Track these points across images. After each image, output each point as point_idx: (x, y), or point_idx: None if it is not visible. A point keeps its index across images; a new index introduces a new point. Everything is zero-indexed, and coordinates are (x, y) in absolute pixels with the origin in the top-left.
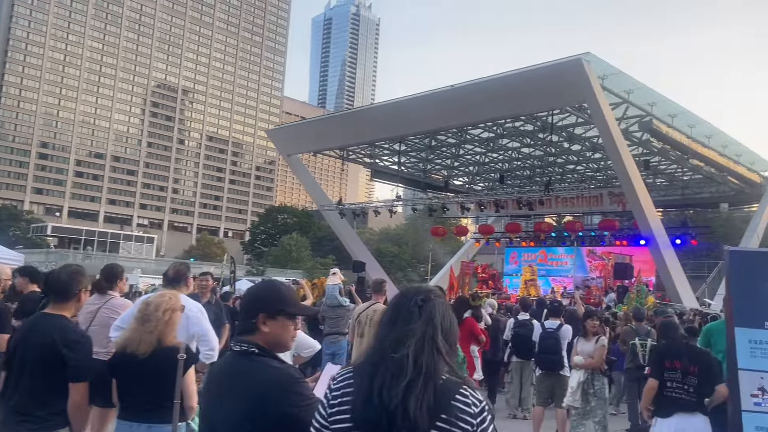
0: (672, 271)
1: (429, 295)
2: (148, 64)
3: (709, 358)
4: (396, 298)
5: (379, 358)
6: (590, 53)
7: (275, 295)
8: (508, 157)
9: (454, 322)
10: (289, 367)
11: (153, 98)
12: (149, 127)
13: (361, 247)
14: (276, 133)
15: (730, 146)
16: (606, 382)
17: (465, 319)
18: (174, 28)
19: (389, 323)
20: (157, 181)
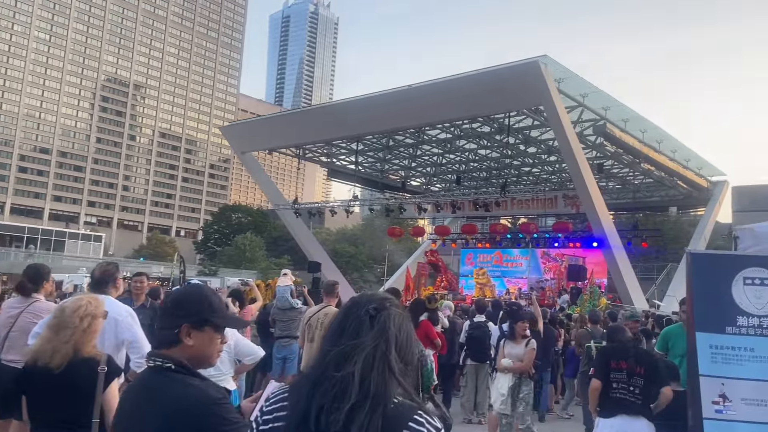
0: (624, 273)
1: (384, 304)
2: (97, 57)
3: (655, 360)
4: (345, 307)
5: (319, 376)
6: (547, 56)
7: (203, 302)
8: (465, 159)
9: (411, 336)
10: (210, 385)
11: (103, 92)
12: (98, 122)
13: (316, 247)
14: (230, 130)
15: (680, 151)
16: (533, 387)
17: (421, 322)
18: (126, 21)
19: (335, 335)
20: (107, 177)
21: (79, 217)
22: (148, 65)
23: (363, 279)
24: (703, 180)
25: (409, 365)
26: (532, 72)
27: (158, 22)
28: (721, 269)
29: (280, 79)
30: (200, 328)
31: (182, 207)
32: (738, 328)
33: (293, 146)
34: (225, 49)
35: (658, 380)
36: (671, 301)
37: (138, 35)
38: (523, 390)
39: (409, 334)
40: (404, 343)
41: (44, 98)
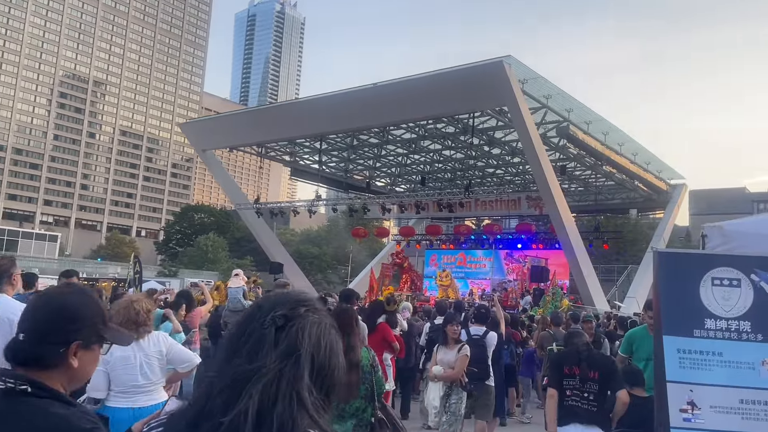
0: (585, 274)
1: (296, 309)
2: (55, 52)
3: (610, 363)
4: (244, 315)
5: (198, 417)
6: (511, 56)
7: (99, 314)
8: (429, 159)
9: (335, 352)
10: (78, 413)
11: (61, 88)
12: (56, 119)
13: (279, 248)
14: (190, 127)
15: (641, 154)
16: (464, 397)
17: (378, 324)
18: (85, 16)
19: (225, 356)
20: (64, 176)
21: (34, 216)
22: (108, 61)
23: (327, 280)
24: (662, 183)
25: (331, 393)
26: (496, 72)
27: (119, 17)
28: (688, 269)
29: (246, 79)
30: (90, 346)
31: (143, 207)
32: (706, 332)
33: (255, 144)
34: (189, 47)
35: (613, 384)
36: (632, 302)
37: (98, 30)
38: (452, 399)
39: (333, 351)
40: (325, 362)
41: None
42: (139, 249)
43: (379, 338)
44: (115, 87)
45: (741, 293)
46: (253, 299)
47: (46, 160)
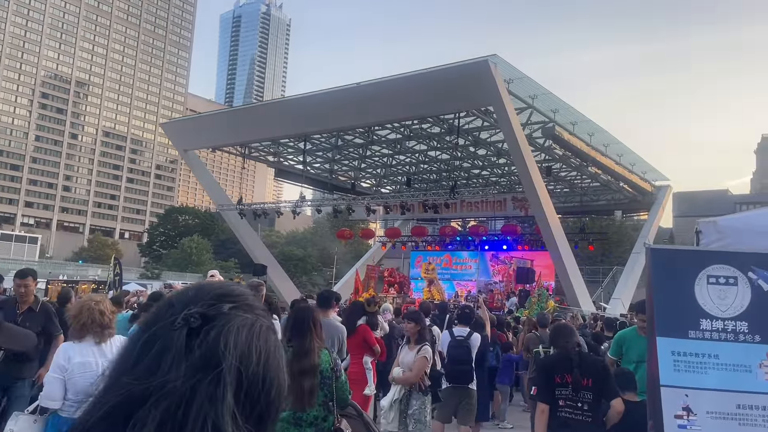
0: (571, 275)
1: (220, 306)
2: (37, 52)
3: (604, 368)
4: (149, 314)
5: None
6: (497, 55)
7: None
8: (415, 160)
9: (272, 365)
10: None
11: (43, 89)
12: (38, 119)
13: (263, 249)
14: (172, 127)
15: (626, 155)
16: (428, 401)
17: (359, 326)
18: (68, 15)
19: (119, 368)
20: (46, 177)
21: (15, 218)
22: (91, 61)
23: (312, 282)
24: (647, 184)
25: (267, 420)
26: (481, 72)
27: (103, 17)
28: (682, 267)
29: (231, 80)
30: None
31: (127, 208)
32: (701, 333)
33: (238, 144)
34: (173, 47)
35: (608, 392)
36: (617, 303)
37: (81, 30)
38: (412, 405)
39: (270, 362)
40: (257, 378)
41: None
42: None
43: (359, 341)
44: (98, 87)
45: (738, 292)
46: None
47: (27, 161)
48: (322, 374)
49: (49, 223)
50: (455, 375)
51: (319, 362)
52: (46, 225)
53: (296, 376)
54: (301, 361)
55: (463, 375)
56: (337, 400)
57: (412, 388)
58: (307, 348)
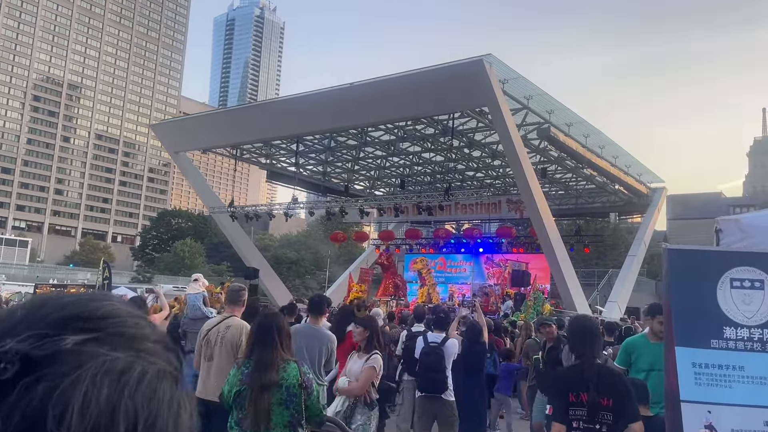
0: (567, 278)
1: (54, 341)
2: (29, 54)
3: (625, 386)
4: None
5: None
6: (492, 55)
7: None
8: (409, 162)
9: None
10: None
11: (34, 92)
12: (29, 122)
13: (255, 252)
14: (162, 128)
15: (621, 157)
16: (373, 416)
17: (348, 332)
18: (60, 18)
19: None
20: (38, 180)
21: (6, 221)
22: (83, 64)
23: (305, 286)
24: (642, 186)
25: None
26: (476, 71)
27: (95, 19)
28: (703, 269)
29: (225, 83)
30: None
31: (119, 212)
32: (725, 342)
33: (229, 146)
34: (166, 50)
35: (628, 413)
36: (613, 306)
37: (73, 33)
38: (356, 419)
39: (159, 421)
40: None
41: None
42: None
43: (349, 348)
44: (91, 90)
45: (765, 296)
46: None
47: (18, 165)
48: (289, 390)
49: (41, 227)
50: (426, 384)
51: (276, 378)
52: (38, 228)
53: (255, 393)
54: (261, 375)
55: (434, 384)
56: (308, 418)
57: (357, 401)
58: (268, 361)
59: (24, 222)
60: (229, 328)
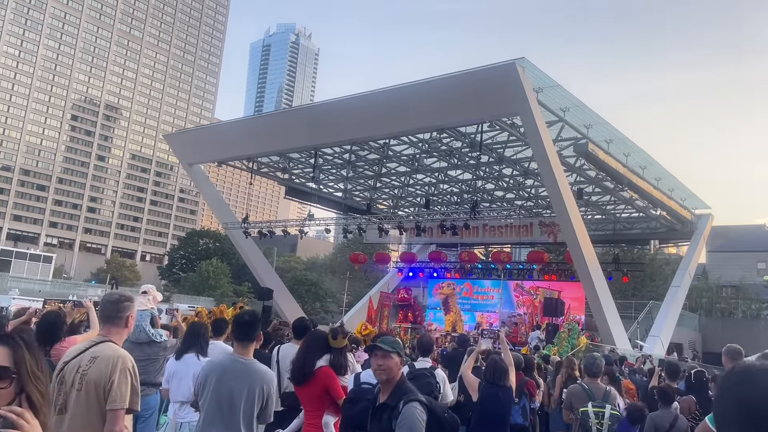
0: (605, 309)
1: None
2: (68, 75)
3: None
4: None
5: None
6: (526, 59)
7: None
8: (434, 180)
9: None
10: None
11: (72, 111)
12: (67, 141)
13: (270, 272)
14: (176, 139)
15: (664, 179)
16: None
17: (319, 370)
18: (99, 40)
19: None
20: (71, 198)
21: (39, 237)
22: (121, 85)
23: (325, 309)
24: (687, 212)
25: None
26: (508, 76)
27: (133, 42)
28: None
29: (259, 107)
30: None
31: (149, 231)
32: None
33: (245, 158)
34: (201, 73)
35: None
36: (655, 341)
37: (112, 55)
38: None
39: None
40: None
41: (9, 114)
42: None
43: (318, 391)
44: (126, 111)
45: None
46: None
47: (53, 182)
48: None
49: (72, 244)
50: None
51: None
52: (69, 246)
53: None
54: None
55: None
56: None
57: None
58: None
59: (56, 239)
60: (95, 360)
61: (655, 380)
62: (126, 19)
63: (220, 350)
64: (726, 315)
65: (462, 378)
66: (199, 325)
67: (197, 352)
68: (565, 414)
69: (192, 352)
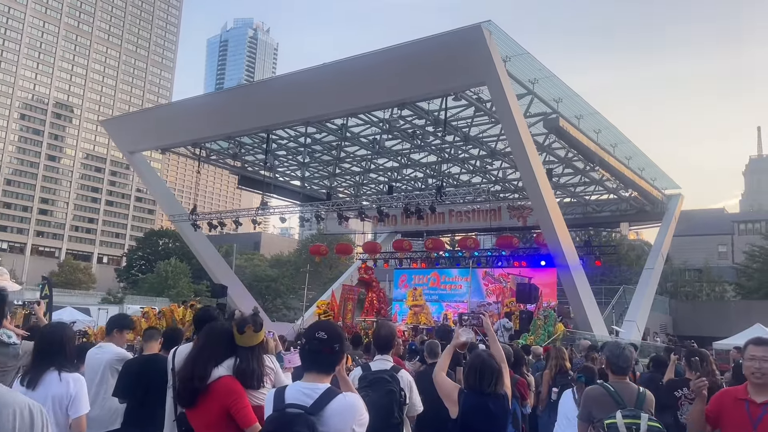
0: (582, 295)
1: None
2: (13, 72)
3: None
4: None
5: None
6: (492, 22)
7: None
8: (396, 164)
9: None
10: None
11: (19, 110)
12: (15, 141)
13: (223, 268)
14: (114, 125)
15: (635, 158)
16: None
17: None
18: (46, 35)
19: None
20: (21, 200)
21: None
22: (70, 82)
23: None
24: (657, 192)
25: None
26: (473, 40)
27: (82, 37)
28: None
29: None
30: None
31: (105, 232)
32: None
33: (189, 143)
34: (155, 68)
35: None
36: (632, 326)
37: (60, 50)
38: None
39: None
40: None
41: None
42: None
43: (212, 416)
44: (77, 108)
45: None
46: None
47: (1, 184)
48: None
49: (23, 248)
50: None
51: None
52: (20, 250)
53: None
54: None
55: None
56: None
57: None
58: None
59: (5, 242)
60: None
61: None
62: (73, 12)
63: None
64: (691, 298)
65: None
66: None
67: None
68: (581, 428)
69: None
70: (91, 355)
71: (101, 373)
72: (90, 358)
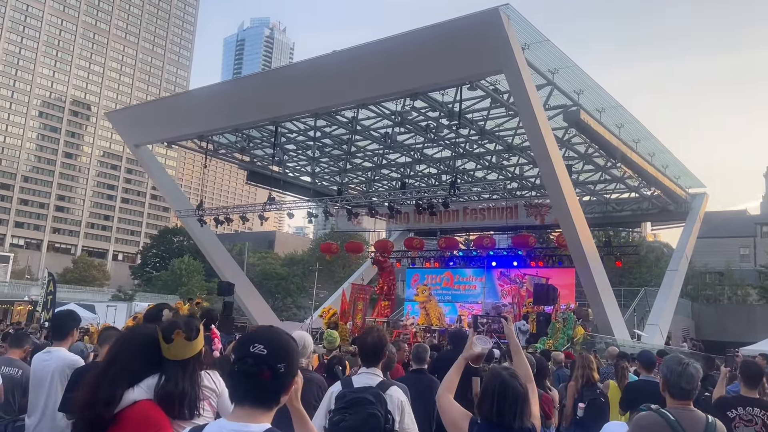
0: (603, 297)
1: None
2: (32, 70)
3: None
4: None
5: None
6: (510, 6)
7: None
8: (410, 158)
9: None
10: None
11: (37, 108)
12: (34, 138)
13: (231, 265)
14: (120, 117)
15: (658, 155)
16: None
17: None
18: (64, 33)
19: None
20: (39, 197)
21: (4, 238)
22: (88, 80)
23: (297, 305)
24: (681, 191)
25: None
26: (491, 25)
27: (100, 35)
28: None
29: None
30: None
31: (121, 230)
32: None
33: (196, 136)
34: (172, 67)
35: None
36: (654, 330)
37: (78, 48)
38: None
39: None
40: None
41: None
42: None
43: None
44: (94, 106)
45: None
46: None
47: (18, 181)
48: None
49: (39, 244)
50: None
51: None
52: (37, 246)
53: None
54: None
55: None
56: None
57: None
58: None
59: (22, 239)
60: None
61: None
62: (91, 11)
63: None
64: (712, 301)
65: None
66: None
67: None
68: None
69: None
70: (37, 361)
71: (49, 383)
72: (36, 364)
